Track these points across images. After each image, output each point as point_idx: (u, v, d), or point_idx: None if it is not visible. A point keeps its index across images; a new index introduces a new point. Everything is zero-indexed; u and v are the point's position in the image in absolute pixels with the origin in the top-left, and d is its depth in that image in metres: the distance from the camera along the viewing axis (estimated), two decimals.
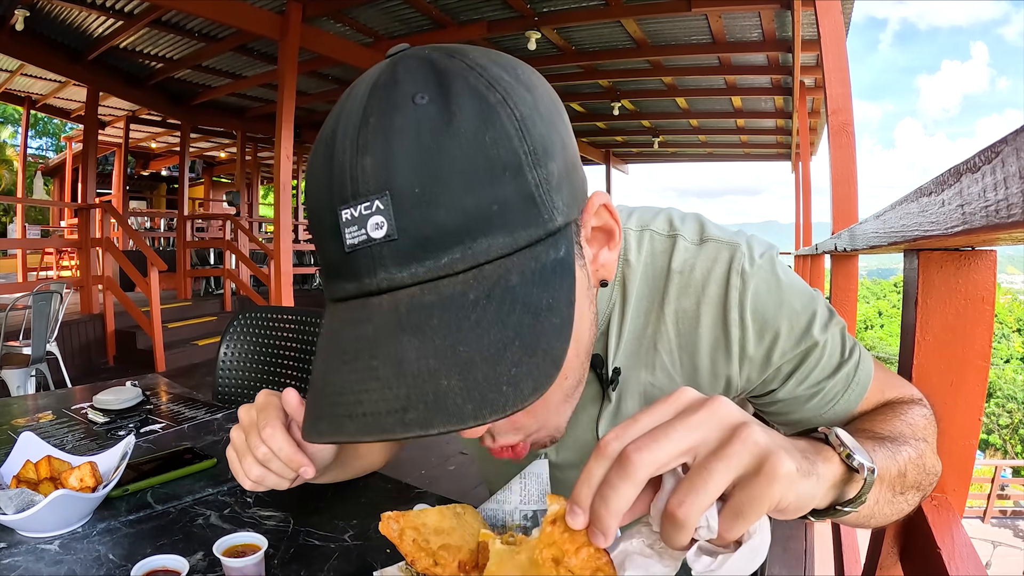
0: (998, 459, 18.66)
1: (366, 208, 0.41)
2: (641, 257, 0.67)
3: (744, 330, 0.64)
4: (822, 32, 2.77)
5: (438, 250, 0.41)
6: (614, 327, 0.67)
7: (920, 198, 0.61)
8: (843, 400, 0.68)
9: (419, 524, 0.63)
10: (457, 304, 0.41)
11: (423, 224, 0.40)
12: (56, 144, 20.59)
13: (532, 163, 0.43)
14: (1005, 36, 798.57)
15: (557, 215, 0.45)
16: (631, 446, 0.38)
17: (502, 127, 0.42)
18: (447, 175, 0.40)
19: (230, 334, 1.70)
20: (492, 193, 0.41)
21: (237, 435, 0.68)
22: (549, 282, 0.43)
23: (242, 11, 5.62)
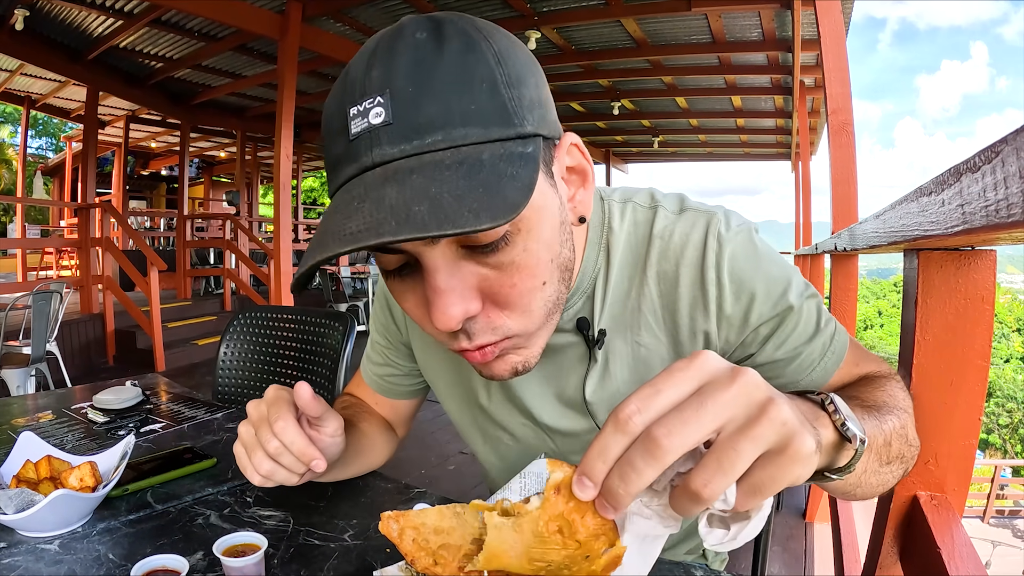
0: (998, 459, 18.66)
1: (369, 103, 0.49)
2: (624, 226, 0.72)
3: (721, 289, 0.67)
4: (822, 32, 2.77)
5: (423, 133, 0.49)
6: (599, 291, 0.71)
7: (920, 198, 0.61)
8: (820, 367, 0.69)
9: (419, 524, 0.63)
10: (433, 166, 0.48)
11: (413, 113, 0.49)
12: (56, 144, 20.61)
13: (506, 83, 0.51)
14: (1004, 36, 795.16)
15: (527, 124, 0.52)
16: (660, 429, 0.37)
17: (482, 54, 0.51)
18: (435, 81, 0.49)
19: (230, 334, 1.70)
20: (471, 97, 0.49)
21: (246, 430, 0.67)
22: (514, 162, 0.49)
23: (242, 11, 5.62)
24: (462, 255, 0.53)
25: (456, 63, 0.50)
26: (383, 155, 0.49)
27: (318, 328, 1.58)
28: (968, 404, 0.75)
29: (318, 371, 1.52)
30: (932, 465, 0.78)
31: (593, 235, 0.72)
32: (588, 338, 0.72)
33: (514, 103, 0.51)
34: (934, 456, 0.77)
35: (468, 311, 0.54)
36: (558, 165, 0.58)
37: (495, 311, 0.56)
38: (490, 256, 0.53)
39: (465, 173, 0.47)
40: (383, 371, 0.97)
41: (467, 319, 0.55)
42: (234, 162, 13.43)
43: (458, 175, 0.47)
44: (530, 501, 0.48)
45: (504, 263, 0.53)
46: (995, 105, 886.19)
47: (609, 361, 0.73)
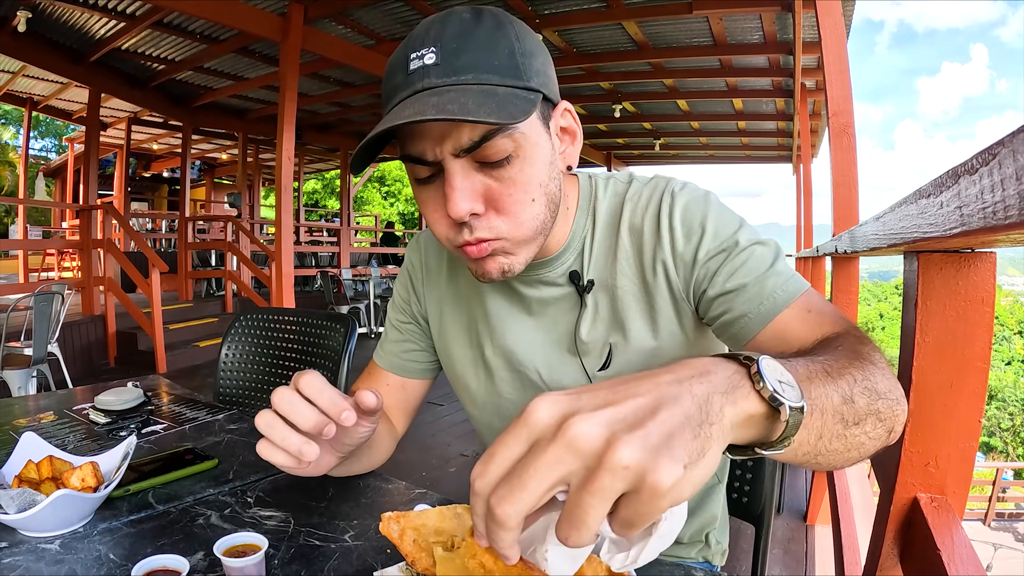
0: (999, 462, 18.62)
1: (425, 51, 0.68)
2: (606, 196, 0.88)
3: (673, 232, 0.81)
4: (823, 34, 2.77)
5: (460, 72, 0.67)
6: (587, 248, 0.86)
7: (919, 200, 0.61)
8: (768, 302, 0.75)
9: (419, 525, 0.64)
10: (464, 89, 0.66)
11: (455, 60, 0.67)
12: (58, 145, 20.65)
13: (520, 54, 0.69)
14: (1002, 37, 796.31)
15: (532, 82, 0.69)
16: (495, 499, 0.38)
17: (506, 32, 0.70)
18: (471, 42, 0.68)
19: (231, 335, 1.71)
20: (495, 57, 0.68)
21: (267, 417, 0.68)
22: (519, 97, 0.67)
23: (244, 13, 5.64)
24: (475, 168, 0.70)
25: (487, 34, 0.69)
26: (431, 83, 0.67)
27: (319, 330, 1.58)
28: (968, 406, 0.75)
29: (319, 373, 1.52)
30: (932, 467, 0.78)
31: (583, 204, 0.87)
32: (579, 287, 0.86)
33: (524, 67, 0.69)
34: (934, 458, 0.77)
35: (474, 208, 0.70)
36: (554, 122, 0.76)
37: (493, 214, 0.72)
38: (495, 170, 0.69)
39: (485, 94, 0.65)
40: (401, 347, 1.04)
41: (472, 216, 0.70)
42: (236, 164, 13.45)
43: (480, 94, 0.65)
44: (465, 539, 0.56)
45: (505, 177, 0.70)
46: (995, 107, 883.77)
47: (597, 306, 0.86)
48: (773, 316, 0.75)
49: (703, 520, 1.01)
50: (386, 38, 7.11)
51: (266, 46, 7.19)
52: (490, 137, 0.67)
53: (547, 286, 0.88)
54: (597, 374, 0.86)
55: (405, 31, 6.91)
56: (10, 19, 6.15)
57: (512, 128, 0.68)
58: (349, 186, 13.72)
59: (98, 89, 8.06)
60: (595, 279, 0.85)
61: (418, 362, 1.04)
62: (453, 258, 0.99)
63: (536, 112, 0.70)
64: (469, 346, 0.98)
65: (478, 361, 0.97)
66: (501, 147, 0.68)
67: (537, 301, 0.89)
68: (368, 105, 10.19)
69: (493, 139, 0.67)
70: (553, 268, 0.86)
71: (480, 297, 0.94)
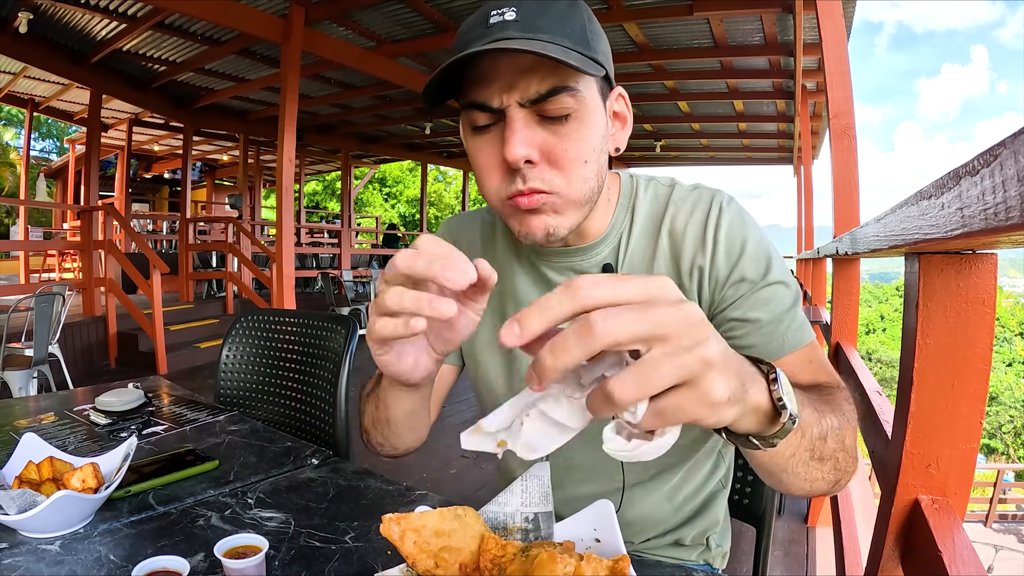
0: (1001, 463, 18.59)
1: (506, 8, 0.70)
2: (647, 196, 0.89)
3: (716, 244, 0.82)
4: (823, 35, 2.77)
5: (538, 31, 0.69)
6: (623, 243, 0.87)
7: (920, 201, 0.61)
8: (776, 344, 0.79)
9: (420, 526, 0.64)
10: (539, 43, 0.67)
11: (533, 20, 0.70)
12: (59, 146, 20.67)
13: (591, 32, 0.73)
14: (1001, 38, 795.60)
15: (599, 57, 0.72)
16: (599, 315, 0.39)
17: (578, 10, 0.74)
18: (549, 11, 0.71)
19: (232, 337, 1.71)
20: (570, 27, 0.71)
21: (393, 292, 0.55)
22: (588, 60, 0.69)
23: (245, 14, 5.64)
24: (536, 120, 0.72)
25: (563, 8, 0.72)
26: (509, 34, 0.69)
27: (320, 331, 1.58)
28: (969, 408, 0.75)
29: (320, 374, 1.52)
30: (933, 469, 0.78)
31: (623, 200, 0.89)
32: None
33: (593, 44, 0.72)
34: (935, 460, 0.77)
35: (530, 154, 0.71)
36: (609, 103, 0.78)
37: (547, 167, 0.73)
38: (555, 125, 0.72)
39: (560, 49, 0.67)
40: None
41: (527, 164, 0.72)
42: (237, 165, 13.46)
43: (555, 47, 0.67)
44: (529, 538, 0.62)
45: (562, 133, 0.72)
46: (995, 109, 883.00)
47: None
48: (780, 356, 0.79)
49: (705, 524, 1.01)
50: (387, 40, 7.11)
51: (267, 48, 7.20)
52: (556, 92, 0.69)
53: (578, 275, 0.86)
54: None
55: (406, 33, 6.93)
56: (11, 20, 6.16)
57: (576, 89, 0.70)
58: (350, 187, 13.73)
59: (99, 90, 8.06)
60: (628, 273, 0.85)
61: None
62: (486, 241, 0.99)
63: (596, 84, 0.74)
64: (493, 329, 0.96)
65: (503, 351, 0.96)
66: (564, 103, 0.70)
67: None
68: (369, 107, 10.20)
69: (559, 95, 0.70)
70: (587, 257, 0.87)
71: (512, 280, 0.94)
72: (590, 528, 0.68)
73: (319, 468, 1.05)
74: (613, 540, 0.66)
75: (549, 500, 0.71)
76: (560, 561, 0.56)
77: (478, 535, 0.65)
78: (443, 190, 29.72)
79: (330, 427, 1.45)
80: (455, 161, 15.31)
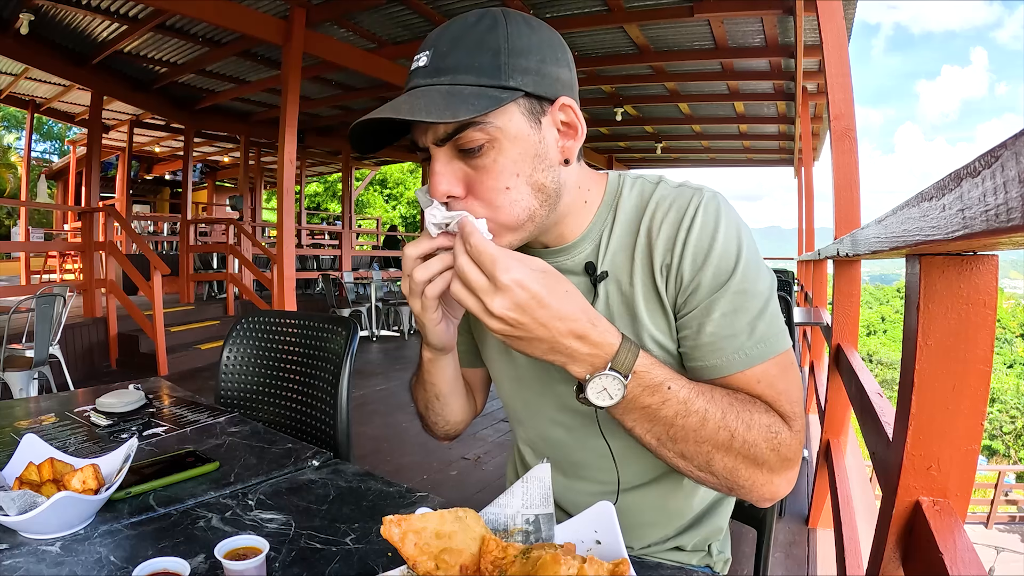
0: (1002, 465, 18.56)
1: (423, 53, 0.77)
2: (632, 195, 0.90)
3: (686, 247, 0.82)
4: (824, 37, 2.77)
5: (440, 75, 0.74)
6: (603, 241, 0.89)
7: (921, 203, 0.61)
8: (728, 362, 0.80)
9: (421, 528, 0.63)
10: (436, 92, 0.73)
11: (440, 62, 0.75)
12: (60, 148, 20.69)
13: (506, 53, 0.74)
14: (999, 39, 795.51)
15: (511, 81, 0.74)
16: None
17: (495, 33, 0.75)
18: (458, 45, 0.75)
19: (232, 338, 1.71)
20: (475, 58, 0.74)
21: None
22: (481, 98, 0.72)
23: (246, 16, 5.65)
24: (455, 155, 0.76)
25: (479, 36, 0.74)
26: (418, 82, 0.75)
27: (321, 333, 1.58)
28: (970, 409, 0.75)
29: (321, 376, 1.52)
30: (934, 470, 0.78)
31: (607, 199, 0.90)
32: (593, 277, 0.89)
33: (507, 67, 0.74)
34: (936, 461, 0.77)
35: (451, 191, 0.77)
36: (549, 116, 0.79)
37: (472, 200, 0.78)
38: (472, 159, 0.76)
39: (447, 97, 0.72)
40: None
41: (451, 199, 0.77)
42: (238, 167, 13.46)
43: (442, 97, 0.72)
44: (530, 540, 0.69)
45: (480, 166, 0.76)
46: (995, 111, 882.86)
47: (608, 298, 0.89)
48: (727, 374, 0.81)
49: (708, 531, 1.01)
50: (388, 42, 7.12)
51: (268, 49, 7.21)
52: (462, 130, 0.73)
53: (563, 274, 0.88)
54: None
55: (407, 35, 6.94)
56: (13, 21, 6.18)
57: (483, 123, 0.73)
58: (351, 189, 13.74)
59: (100, 92, 8.08)
60: (609, 272, 0.88)
61: (467, 354, 1.10)
62: None
63: (519, 108, 0.76)
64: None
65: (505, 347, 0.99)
66: (474, 137, 0.74)
67: None
68: (370, 108, 10.13)
69: (465, 131, 0.73)
70: (570, 256, 0.90)
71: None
72: (591, 530, 0.68)
73: (320, 470, 1.05)
74: (614, 542, 0.66)
75: (550, 502, 0.71)
76: (563, 563, 0.56)
77: (479, 537, 0.65)
78: None
79: (331, 429, 1.45)
80: None
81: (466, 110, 0.70)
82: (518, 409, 1.03)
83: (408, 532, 0.63)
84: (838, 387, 2.24)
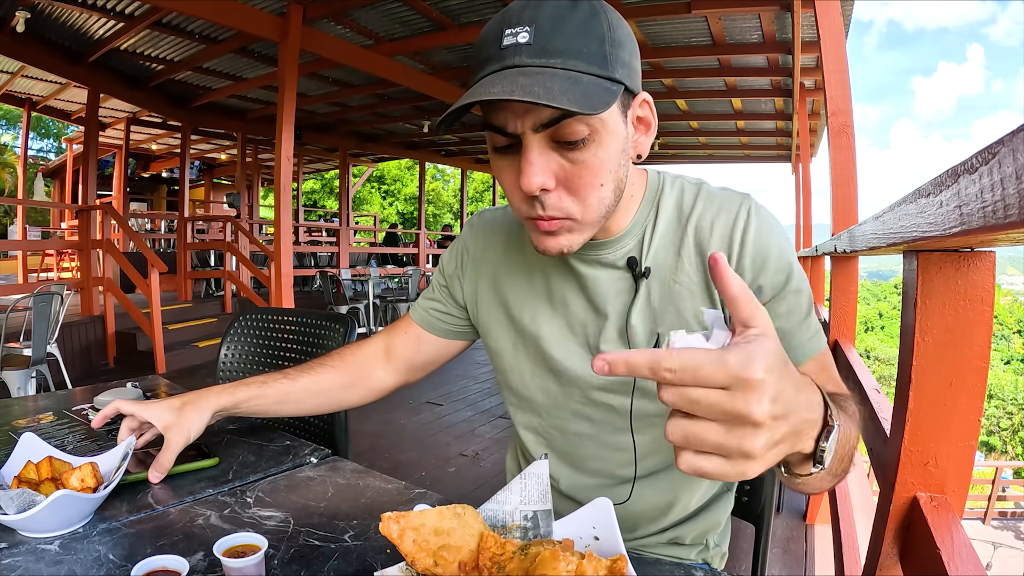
0: (1000, 461, 18.61)
1: (520, 28, 0.70)
2: (673, 192, 0.91)
3: (744, 247, 0.84)
4: (821, 33, 2.77)
5: (550, 56, 0.70)
6: (647, 237, 0.89)
7: (918, 199, 0.61)
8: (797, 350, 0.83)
9: (419, 524, 0.64)
10: (552, 75, 0.68)
11: (547, 42, 0.70)
12: (57, 146, 20.63)
13: (610, 42, 0.72)
14: (992, 35, 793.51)
15: (617, 73, 0.72)
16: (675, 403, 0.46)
17: (599, 20, 0.72)
18: (565, 27, 0.70)
19: (230, 336, 1.71)
20: (585, 44, 0.70)
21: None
22: (602, 87, 0.70)
23: (243, 13, 5.63)
24: (552, 146, 0.73)
25: (582, 20, 0.71)
26: (522, 61, 0.70)
27: (318, 330, 1.58)
28: (967, 405, 0.75)
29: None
30: (932, 466, 0.78)
31: (649, 195, 0.91)
32: (636, 273, 0.89)
33: (612, 57, 0.72)
34: (934, 457, 0.77)
35: (545, 184, 0.74)
36: (632, 111, 0.78)
37: (564, 194, 0.76)
38: (570, 152, 0.73)
39: (571, 81, 0.68)
40: (429, 304, 1.11)
41: (543, 191, 0.74)
42: (235, 164, 13.44)
43: (566, 80, 0.68)
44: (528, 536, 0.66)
45: (578, 160, 0.73)
46: (990, 107, 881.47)
47: (650, 294, 0.89)
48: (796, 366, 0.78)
49: (706, 525, 1.02)
50: (385, 38, 7.10)
51: (265, 46, 7.18)
52: (568, 116, 0.70)
53: (604, 267, 0.90)
54: None
55: (404, 31, 6.92)
56: (9, 19, 6.14)
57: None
58: (348, 186, 13.72)
59: (97, 89, 8.04)
60: (652, 268, 0.88)
61: (440, 321, 1.10)
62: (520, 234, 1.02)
63: (616, 102, 0.73)
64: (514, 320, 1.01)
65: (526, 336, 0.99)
66: (578, 129, 0.71)
67: (592, 280, 0.91)
68: (367, 105, 10.19)
69: (569, 121, 0.70)
70: (612, 251, 0.89)
71: (544, 269, 0.97)
72: (589, 526, 0.68)
73: (318, 467, 1.05)
74: (612, 538, 0.66)
75: (548, 498, 0.71)
76: (562, 559, 0.57)
77: (477, 533, 0.65)
78: (441, 188, 29.70)
79: (329, 426, 1.45)
80: (453, 159, 15.29)
81: (600, 101, 0.68)
82: (537, 400, 1.01)
83: (407, 529, 0.63)
84: None
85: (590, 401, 0.94)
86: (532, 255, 0.98)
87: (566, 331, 0.95)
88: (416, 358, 1.13)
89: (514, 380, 1.03)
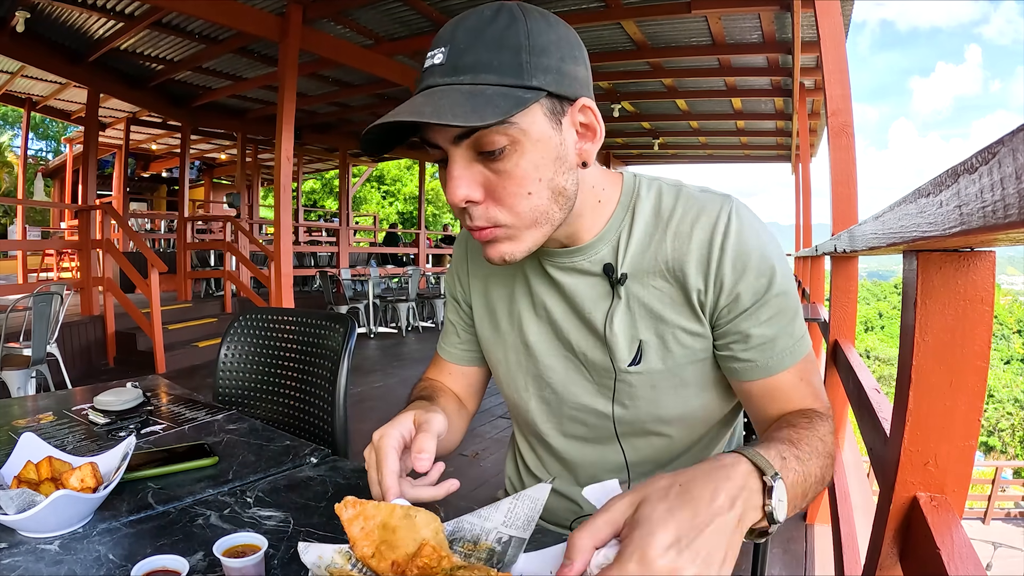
0: (999, 460, 18.61)
1: (437, 51, 0.73)
2: (650, 196, 0.89)
3: (724, 253, 0.82)
4: (821, 33, 2.77)
5: (459, 73, 0.71)
6: (622, 243, 0.88)
7: (918, 199, 0.61)
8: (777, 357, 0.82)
9: (371, 515, 0.67)
10: (456, 92, 0.70)
11: (457, 60, 0.71)
12: (56, 146, 20.62)
13: (527, 50, 0.71)
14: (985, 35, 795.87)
15: (535, 80, 0.71)
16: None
17: (515, 30, 0.71)
18: (478, 42, 0.71)
19: (230, 335, 1.71)
20: (495, 56, 0.71)
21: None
22: (505, 98, 0.69)
23: (242, 13, 5.64)
24: (475, 158, 0.74)
25: (498, 32, 0.71)
26: (435, 81, 0.72)
27: (319, 330, 1.58)
28: (967, 405, 0.75)
29: (319, 373, 1.52)
30: (932, 466, 0.78)
31: (624, 200, 0.89)
32: (612, 279, 0.87)
33: (530, 66, 0.71)
34: (933, 457, 0.77)
35: (470, 196, 0.75)
36: (569, 117, 0.76)
37: (491, 204, 0.76)
38: (492, 162, 0.73)
39: (470, 95, 0.69)
40: (455, 340, 1.11)
41: (470, 203, 0.76)
42: (235, 164, 13.45)
43: (465, 95, 0.69)
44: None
45: (500, 170, 0.73)
46: (988, 107, 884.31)
47: (628, 300, 0.88)
48: (775, 373, 0.83)
49: None
50: (385, 38, 7.11)
51: (265, 46, 7.19)
52: (479, 130, 0.70)
53: (580, 274, 0.90)
54: (628, 369, 0.88)
55: (404, 31, 6.93)
56: (8, 19, 6.15)
57: (506, 123, 0.70)
58: (348, 186, 13.72)
59: (97, 89, 8.05)
60: (628, 274, 0.87)
61: (470, 351, 1.10)
62: None
63: (541, 109, 0.73)
64: (508, 332, 1.01)
65: (518, 345, 0.99)
66: (494, 140, 0.71)
67: (571, 287, 0.91)
68: (367, 105, 10.19)
69: (486, 132, 0.71)
70: (587, 256, 0.89)
71: (523, 276, 0.97)
72: (547, 569, 0.67)
73: (318, 467, 1.05)
74: None
75: (531, 526, 0.69)
76: None
77: (420, 539, 0.65)
78: (440, 188, 29.68)
79: (329, 425, 1.45)
80: None
81: (492, 112, 0.67)
82: (531, 407, 1.01)
83: (359, 516, 0.66)
84: (836, 383, 2.24)
85: (581, 407, 0.95)
86: (515, 266, 0.98)
87: (552, 338, 0.96)
88: (472, 390, 1.13)
89: (509, 389, 1.04)
